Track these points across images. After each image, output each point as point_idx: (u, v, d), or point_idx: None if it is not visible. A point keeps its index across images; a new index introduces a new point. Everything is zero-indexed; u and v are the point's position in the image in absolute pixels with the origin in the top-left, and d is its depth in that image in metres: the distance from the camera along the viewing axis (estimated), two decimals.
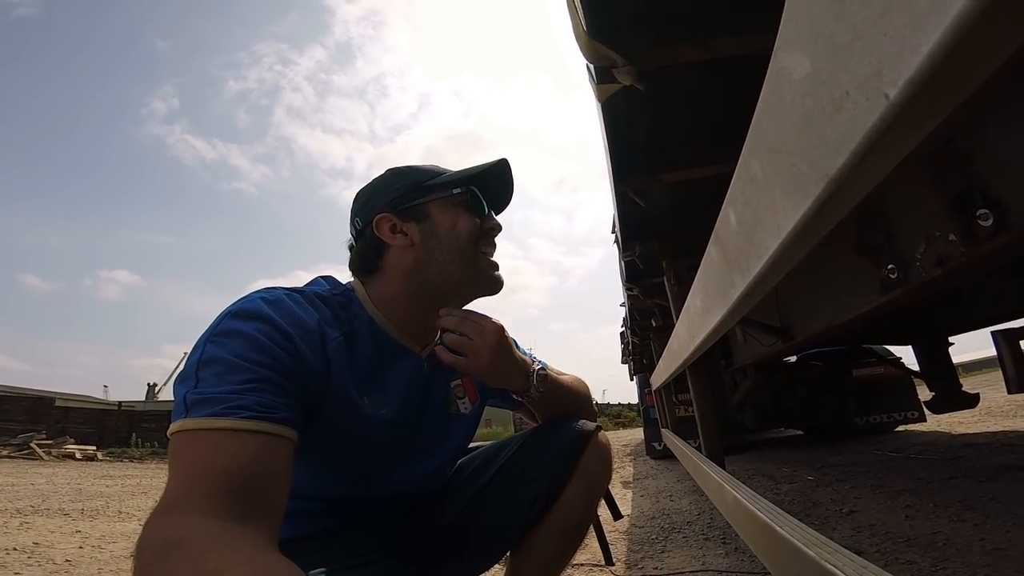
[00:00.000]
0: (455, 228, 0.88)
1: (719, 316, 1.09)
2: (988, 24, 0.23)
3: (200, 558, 0.44)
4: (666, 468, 4.97)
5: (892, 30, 0.28)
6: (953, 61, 0.25)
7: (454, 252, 0.88)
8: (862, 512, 2.30)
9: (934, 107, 0.30)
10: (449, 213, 0.89)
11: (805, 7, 0.37)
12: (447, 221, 0.89)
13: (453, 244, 0.88)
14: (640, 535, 2.52)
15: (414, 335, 0.90)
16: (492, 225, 0.93)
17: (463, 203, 0.90)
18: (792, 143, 0.46)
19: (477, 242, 0.90)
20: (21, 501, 4.48)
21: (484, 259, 0.92)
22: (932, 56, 0.25)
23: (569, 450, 0.99)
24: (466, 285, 0.91)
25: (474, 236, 0.89)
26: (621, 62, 1.26)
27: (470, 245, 0.89)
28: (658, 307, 3.62)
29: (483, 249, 0.91)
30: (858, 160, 0.37)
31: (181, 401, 0.61)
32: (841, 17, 0.33)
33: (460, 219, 0.89)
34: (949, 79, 0.27)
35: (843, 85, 0.34)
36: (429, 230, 0.88)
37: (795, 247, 0.60)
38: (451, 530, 0.97)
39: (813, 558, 0.72)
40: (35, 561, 2.37)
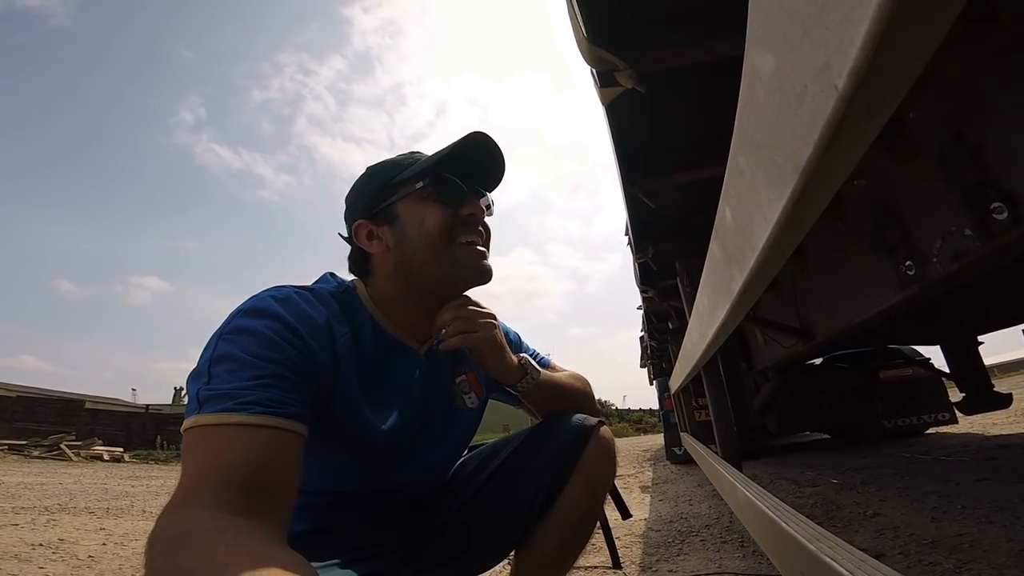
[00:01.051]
0: (423, 225, 0.84)
1: (724, 312, 1.10)
2: (906, 19, 0.25)
3: (208, 551, 0.45)
4: (686, 473, 4.91)
5: (832, 24, 0.30)
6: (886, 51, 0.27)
7: (426, 251, 0.84)
8: (886, 514, 2.25)
9: (881, 96, 0.32)
10: (417, 209, 0.85)
11: (763, 6, 0.39)
12: (415, 219, 0.85)
13: (424, 243, 0.84)
14: (656, 538, 2.50)
15: (412, 332, 0.90)
16: (471, 211, 0.86)
17: (431, 195, 0.85)
18: (769, 137, 0.48)
19: (451, 233, 0.84)
20: (49, 499, 4.60)
21: (463, 250, 0.86)
22: (865, 47, 0.27)
23: (570, 445, 0.97)
24: (447, 281, 0.87)
25: (444, 229, 0.84)
26: (622, 66, 1.27)
27: (442, 240, 0.84)
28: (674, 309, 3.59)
29: (463, 239, 0.85)
30: (823, 150, 0.39)
31: (194, 397, 0.63)
32: (792, 14, 0.35)
33: (428, 214, 0.84)
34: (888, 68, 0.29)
35: (802, 79, 0.36)
36: (400, 232, 0.85)
37: (784, 238, 0.61)
38: (454, 525, 0.98)
39: (814, 552, 0.73)
40: (59, 557, 2.44)
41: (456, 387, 0.98)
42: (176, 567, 0.45)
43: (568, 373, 1.08)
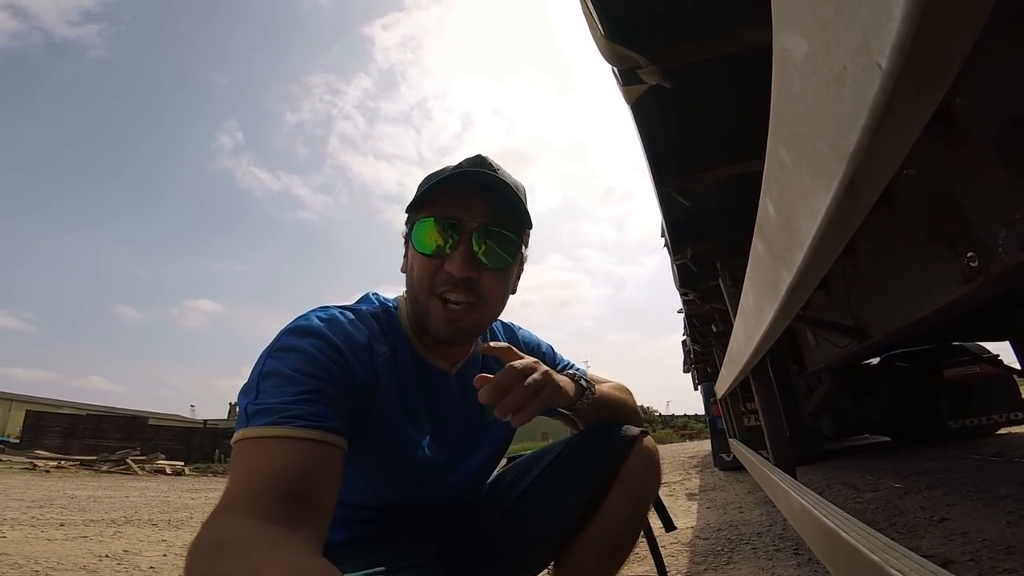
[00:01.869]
0: (412, 270, 0.82)
1: (772, 312, 1.05)
2: None
3: (243, 557, 0.46)
4: (735, 480, 4.77)
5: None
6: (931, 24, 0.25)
7: (411, 292, 0.84)
8: (955, 519, 2.12)
9: (930, 75, 0.30)
10: (412, 250, 0.82)
11: None
12: (410, 259, 0.83)
13: (410, 285, 0.84)
14: (704, 547, 2.43)
15: (442, 355, 0.90)
16: (448, 268, 0.78)
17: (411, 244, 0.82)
18: (809, 125, 0.45)
19: (433, 284, 0.80)
20: (116, 512, 4.83)
21: (435, 305, 0.80)
22: (907, 20, 0.25)
23: (611, 456, 0.94)
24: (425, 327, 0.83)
25: (424, 282, 0.80)
26: (644, 62, 1.23)
27: (421, 291, 0.81)
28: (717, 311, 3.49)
29: (443, 294, 0.80)
30: (871, 135, 0.37)
31: (243, 411, 0.66)
32: None
33: (415, 260, 0.81)
34: (935, 44, 0.27)
35: (839, 60, 0.34)
36: (408, 263, 0.85)
37: (834, 232, 0.58)
38: (491, 536, 0.97)
39: (878, 563, 0.69)
40: (123, 568, 2.55)
41: None
42: (212, 571, 0.47)
43: (611, 385, 1.06)
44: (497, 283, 0.83)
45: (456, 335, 0.82)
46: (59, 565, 2.51)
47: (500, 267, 0.82)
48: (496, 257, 0.81)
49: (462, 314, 0.80)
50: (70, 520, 4.11)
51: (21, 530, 3.49)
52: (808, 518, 1.13)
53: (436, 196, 0.80)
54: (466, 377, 0.93)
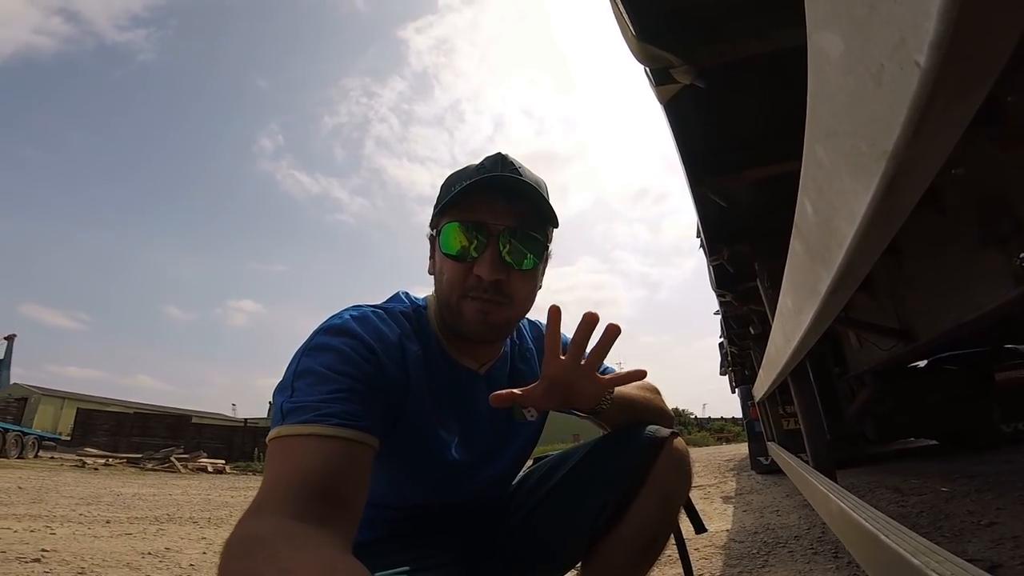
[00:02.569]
0: (441, 275, 0.83)
1: (811, 314, 1.03)
2: None
3: (275, 556, 0.47)
4: (773, 483, 4.68)
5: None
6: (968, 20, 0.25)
7: (442, 298, 0.84)
8: (1005, 524, 2.04)
9: (972, 71, 0.29)
10: (439, 254, 0.83)
11: None
12: (439, 263, 0.84)
13: (440, 289, 0.84)
14: (739, 550, 2.39)
15: (471, 354, 0.91)
16: (478, 271, 0.79)
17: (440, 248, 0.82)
18: (847, 124, 0.45)
19: (464, 287, 0.80)
20: (159, 510, 4.99)
21: (469, 306, 0.81)
22: (944, 17, 0.25)
23: (641, 458, 0.93)
24: (458, 331, 0.84)
25: (455, 287, 0.81)
26: (677, 62, 1.21)
27: (452, 295, 0.81)
28: (755, 313, 3.42)
29: (473, 295, 0.81)
30: (911, 134, 0.36)
31: (279, 409, 0.67)
32: None
33: (444, 265, 0.82)
34: (974, 40, 0.26)
35: (876, 58, 0.33)
36: (435, 267, 0.85)
37: (875, 232, 0.56)
38: (517, 536, 0.97)
39: (919, 567, 0.67)
40: (164, 565, 2.64)
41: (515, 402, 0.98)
42: (244, 569, 0.48)
43: (637, 385, 1.02)
44: (525, 283, 0.83)
45: (488, 332, 0.83)
46: (103, 562, 2.61)
47: (528, 268, 0.82)
48: (523, 258, 0.81)
49: (493, 308, 0.81)
50: (115, 517, 4.28)
51: (69, 527, 3.64)
52: (847, 521, 1.10)
53: (461, 200, 0.80)
54: (495, 377, 0.94)
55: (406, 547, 0.82)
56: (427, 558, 0.81)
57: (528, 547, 0.96)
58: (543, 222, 0.85)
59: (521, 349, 1.01)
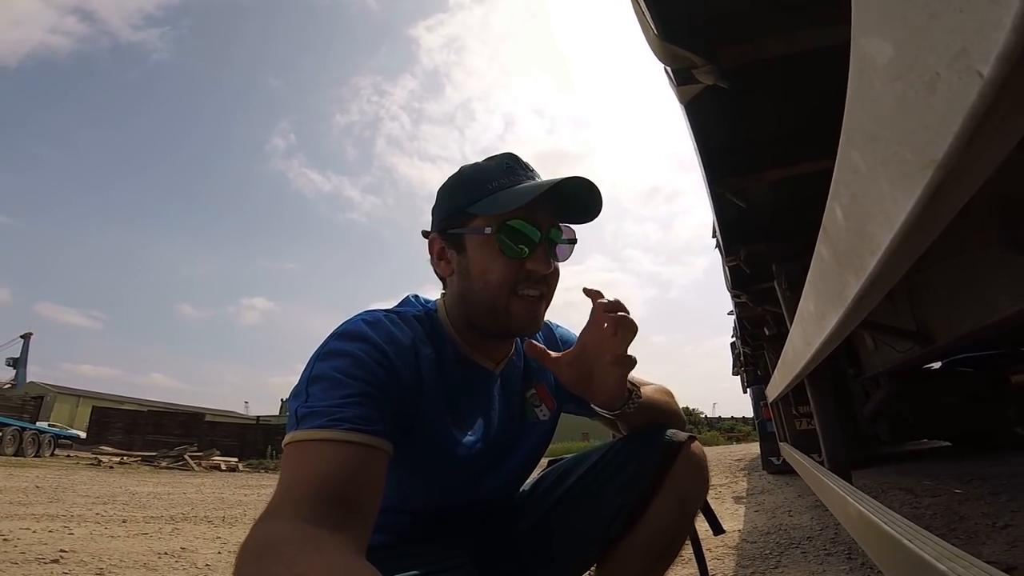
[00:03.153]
0: (486, 274, 0.82)
1: (835, 320, 1.02)
2: None
3: (289, 561, 0.48)
4: (785, 483, 4.65)
5: (968, 6, 0.27)
6: None
7: (484, 298, 0.83)
8: (1019, 526, 2.02)
9: None
10: (483, 254, 0.83)
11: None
12: (480, 263, 0.83)
13: (484, 291, 0.83)
14: (752, 550, 2.38)
15: (488, 353, 0.91)
16: (534, 266, 0.82)
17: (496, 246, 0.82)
18: (890, 130, 0.44)
19: (513, 286, 0.82)
20: (174, 509, 5.04)
21: (518, 304, 0.83)
22: (1018, 28, 0.24)
23: (658, 462, 0.93)
24: (497, 326, 0.85)
25: (506, 285, 0.82)
26: (700, 62, 1.20)
27: (500, 293, 0.82)
28: (770, 314, 3.39)
29: (521, 291, 0.82)
30: (964, 143, 0.35)
31: (293, 414, 0.67)
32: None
33: (492, 264, 0.82)
34: None
35: (931, 66, 0.32)
36: (464, 265, 0.84)
37: (912, 240, 0.55)
38: (531, 538, 0.97)
39: (944, 572, 0.66)
40: (180, 565, 2.66)
41: (527, 400, 0.98)
42: (259, 573, 0.48)
43: (655, 388, 1.04)
44: (558, 275, 0.88)
45: (534, 326, 0.86)
46: (121, 563, 2.64)
47: (563, 260, 0.88)
48: (564, 250, 0.88)
49: (539, 305, 0.85)
50: (131, 517, 4.32)
51: (86, 527, 3.68)
52: (866, 524, 1.09)
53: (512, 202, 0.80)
54: (509, 376, 0.95)
55: (420, 550, 0.83)
56: (439, 561, 0.81)
57: (543, 549, 0.97)
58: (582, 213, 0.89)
59: None
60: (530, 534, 0.98)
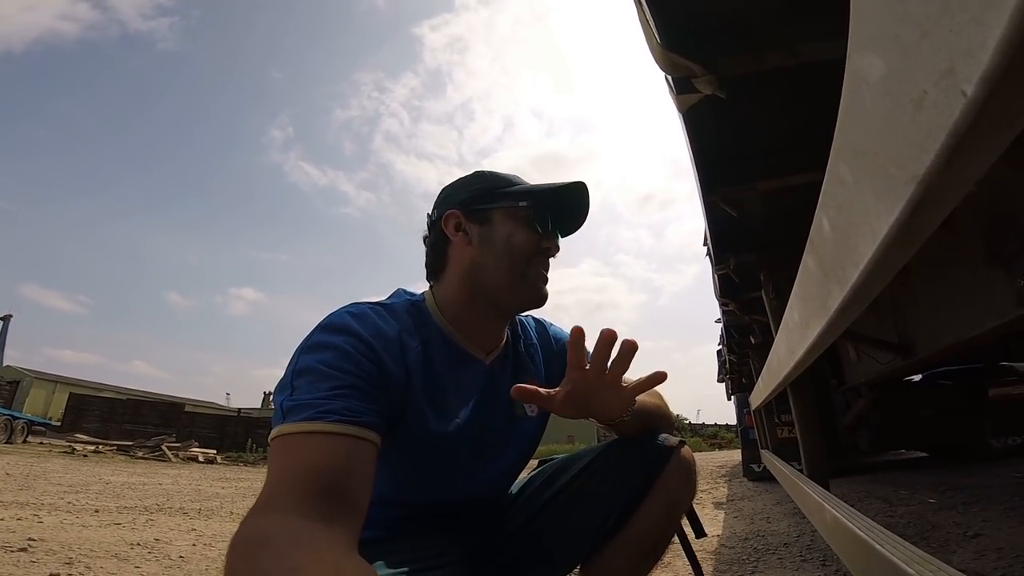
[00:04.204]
0: (511, 238, 0.89)
1: (818, 329, 1.03)
2: None
3: (282, 556, 0.48)
4: (764, 490, 4.71)
5: (956, 27, 0.28)
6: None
7: (505, 260, 0.89)
8: (989, 535, 2.07)
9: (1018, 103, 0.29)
10: (509, 223, 0.90)
11: (869, 8, 0.37)
12: (505, 230, 0.90)
13: (506, 253, 0.89)
14: (729, 555, 2.41)
15: (479, 342, 0.92)
16: (549, 244, 0.92)
17: (525, 217, 0.90)
18: (878, 145, 0.45)
19: (531, 257, 0.90)
20: (149, 500, 4.95)
21: (533, 271, 0.90)
22: (1001, 52, 0.25)
23: (650, 465, 0.95)
24: (511, 294, 0.90)
25: (528, 250, 0.89)
26: (700, 71, 1.22)
27: (522, 258, 0.89)
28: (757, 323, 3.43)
29: (536, 265, 0.91)
30: (945, 160, 0.36)
31: (279, 408, 0.67)
32: (905, 17, 0.33)
33: (518, 231, 0.90)
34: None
35: (920, 84, 0.34)
36: (488, 234, 0.90)
37: (894, 253, 0.57)
38: (521, 537, 0.97)
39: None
40: (153, 556, 2.61)
41: None
42: (251, 569, 0.48)
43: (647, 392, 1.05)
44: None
45: (545, 300, 0.92)
46: (91, 552, 2.58)
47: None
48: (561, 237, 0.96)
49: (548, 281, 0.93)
50: (104, 507, 4.23)
51: (57, 515, 3.60)
52: (840, 529, 1.11)
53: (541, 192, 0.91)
54: (498, 370, 0.95)
55: (411, 546, 0.83)
56: (432, 557, 0.81)
57: (531, 550, 0.97)
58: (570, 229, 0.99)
59: (526, 345, 1.02)
60: (520, 535, 0.98)
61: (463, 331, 0.90)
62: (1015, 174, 1.09)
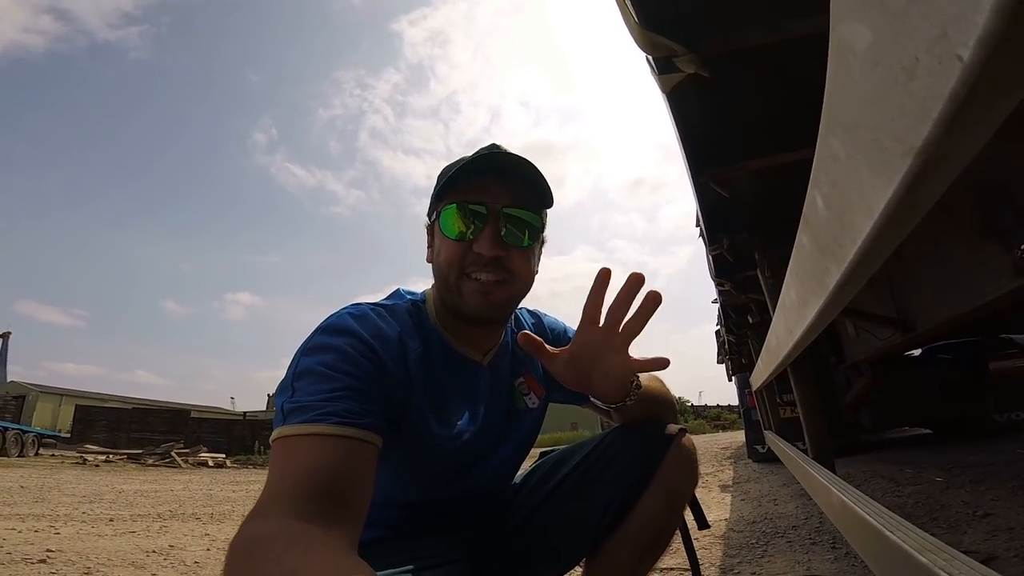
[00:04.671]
0: (439, 256, 0.84)
1: (816, 308, 1.02)
2: None
3: (280, 558, 0.47)
4: (770, 472, 4.72)
5: None
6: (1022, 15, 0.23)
7: (441, 280, 0.85)
8: (1000, 515, 2.06)
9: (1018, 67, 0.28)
10: (439, 237, 0.84)
11: None
12: (437, 246, 0.85)
13: (439, 272, 0.85)
14: (738, 540, 2.41)
15: (474, 344, 0.91)
16: (479, 249, 0.81)
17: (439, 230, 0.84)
18: (870, 117, 0.43)
19: (463, 266, 0.82)
20: (162, 506, 5.00)
21: (468, 285, 0.82)
22: (998, 10, 0.23)
23: (649, 455, 0.93)
24: (459, 309, 0.84)
25: (454, 264, 0.82)
26: (681, 51, 1.19)
27: (450, 274, 0.83)
28: (754, 302, 3.42)
29: (473, 274, 0.82)
30: (944, 129, 0.34)
31: (280, 410, 0.67)
32: None
33: (443, 246, 0.83)
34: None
35: (910, 51, 0.32)
36: (434, 251, 0.87)
37: (893, 228, 0.55)
38: (523, 531, 0.97)
39: (926, 565, 0.66)
40: (169, 563, 2.63)
41: (516, 389, 0.98)
42: (249, 571, 0.48)
43: (650, 375, 1.02)
44: (524, 260, 0.85)
45: (490, 309, 0.83)
46: (109, 561, 2.60)
47: (525, 245, 0.84)
48: (522, 236, 0.83)
49: (494, 287, 0.82)
50: (118, 515, 4.26)
51: (73, 526, 3.63)
52: (848, 514, 1.10)
53: (458, 184, 0.82)
54: (497, 367, 0.94)
55: (409, 546, 0.82)
56: (431, 556, 0.81)
57: (534, 543, 0.96)
58: (539, 200, 0.86)
59: None
60: (522, 527, 0.97)
61: (457, 334, 0.89)
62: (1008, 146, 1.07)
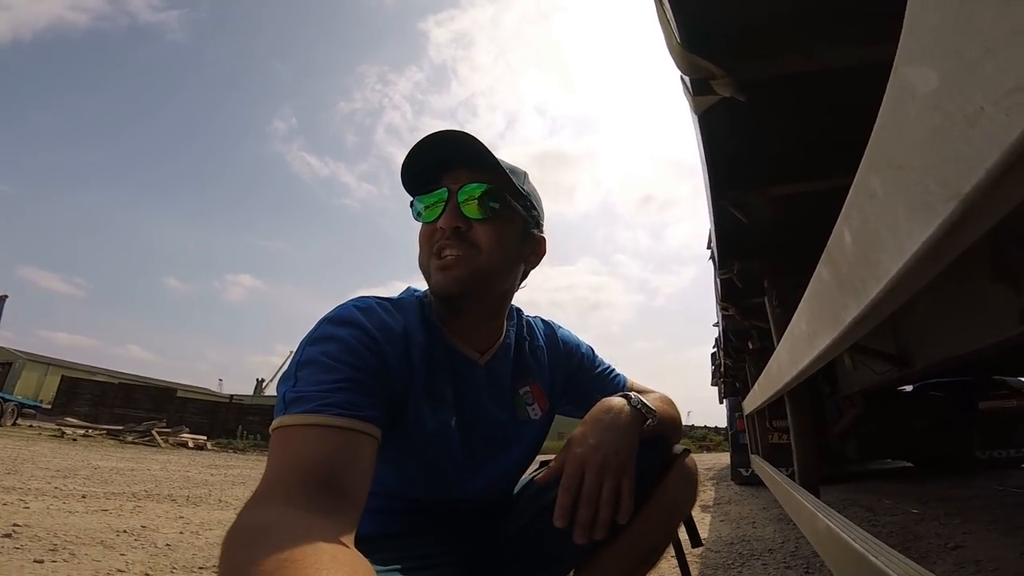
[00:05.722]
0: (418, 244, 0.89)
1: (827, 341, 1.02)
2: None
3: (278, 546, 0.47)
4: (751, 495, 4.74)
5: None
6: None
7: (421, 266, 0.89)
8: (969, 548, 2.10)
9: None
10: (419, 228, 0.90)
11: (927, 21, 0.36)
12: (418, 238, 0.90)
13: (419, 259, 0.89)
14: (715, 560, 2.42)
15: (471, 341, 0.91)
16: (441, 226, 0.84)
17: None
18: (918, 160, 0.44)
19: (431, 250, 0.86)
20: (137, 486, 4.91)
21: (435, 264, 0.85)
22: None
23: (650, 472, 0.93)
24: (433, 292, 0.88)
25: (425, 247, 0.87)
26: (719, 73, 1.20)
27: (423, 255, 0.87)
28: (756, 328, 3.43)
29: (439, 251, 0.85)
30: (994, 179, 0.35)
31: (281, 399, 0.67)
32: (970, 32, 0.31)
33: (420, 233, 0.89)
34: None
35: (976, 101, 0.32)
36: None
37: (919, 270, 0.56)
38: (519, 540, 0.96)
39: None
40: (140, 544, 2.59)
41: (519, 398, 0.98)
42: (246, 559, 0.47)
43: (658, 397, 1.04)
44: (490, 232, 0.84)
45: (450, 284, 0.83)
46: (77, 539, 2.56)
47: (488, 216, 0.84)
48: (480, 208, 0.84)
49: (455, 263, 0.83)
50: (92, 492, 4.20)
51: (44, 501, 3.57)
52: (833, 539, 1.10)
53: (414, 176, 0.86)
54: (495, 369, 0.94)
55: (410, 544, 0.82)
56: (427, 556, 0.81)
57: (529, 553, 0.96)
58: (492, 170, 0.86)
59: (532, 347, 1.01)
60: (518, 537, 0.97)
61: (453, 329, 0.90)
62: None
